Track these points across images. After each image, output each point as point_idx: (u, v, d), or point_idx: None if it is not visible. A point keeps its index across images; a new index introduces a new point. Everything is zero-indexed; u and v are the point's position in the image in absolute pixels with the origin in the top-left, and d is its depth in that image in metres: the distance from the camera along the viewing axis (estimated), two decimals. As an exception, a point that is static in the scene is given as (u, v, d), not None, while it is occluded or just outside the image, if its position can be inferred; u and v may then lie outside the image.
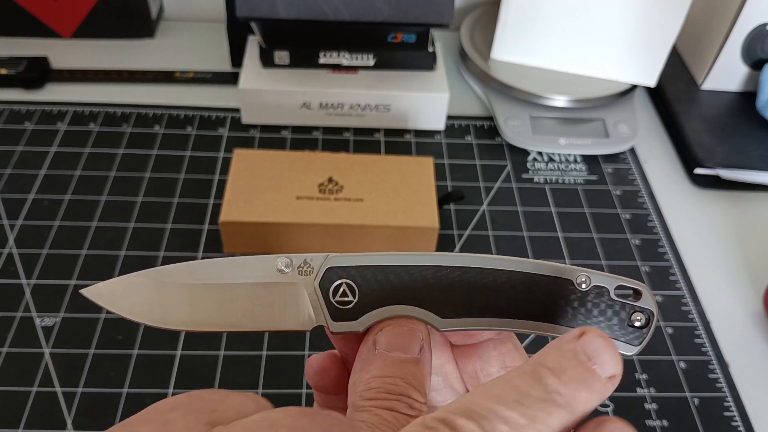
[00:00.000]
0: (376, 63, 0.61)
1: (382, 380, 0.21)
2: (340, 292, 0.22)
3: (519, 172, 0.59)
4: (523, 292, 0.21)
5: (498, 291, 0.21)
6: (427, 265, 0.22)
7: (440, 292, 0.21)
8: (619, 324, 0.21)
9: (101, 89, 0.63)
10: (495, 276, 0.21)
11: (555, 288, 0.21)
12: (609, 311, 0.21)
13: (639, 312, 0.21)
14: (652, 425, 0.42)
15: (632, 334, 0.21)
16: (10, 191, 0.53)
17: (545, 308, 0.21)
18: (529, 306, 0.21)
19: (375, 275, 0.22)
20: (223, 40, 0.68)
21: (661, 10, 0.58)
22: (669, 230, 0.55)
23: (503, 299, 0.21)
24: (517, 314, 0.22)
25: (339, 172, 0.51)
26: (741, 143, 0.60)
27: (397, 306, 0.22)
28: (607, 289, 0.22)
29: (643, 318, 0.21)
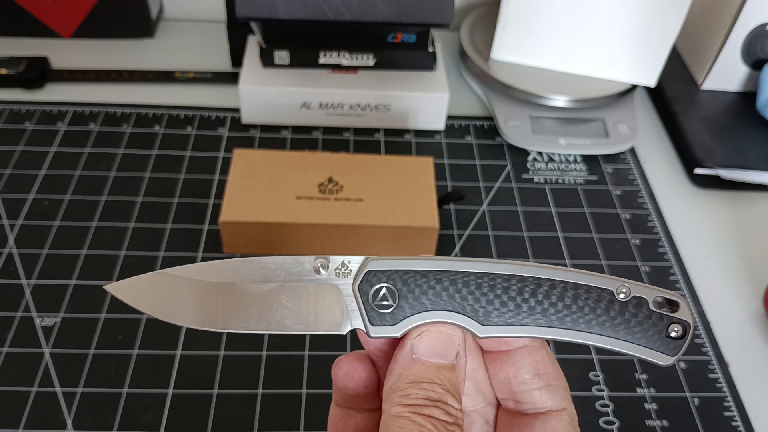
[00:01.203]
0: (376, 63, 0.61)
1: (419, 386, 0.21)
2: (380, 296, 0.22)
3: (519, 172, 0.59)
4: (564, 302, 0.22)
5: (539, 300, 0.22)
6: (469, 272, 0.22)
7: (482, 299, 0.22)
8: (657, 334, 0.22)
9: (101, 89, 0.63)
10: (537, 284, 0.22)
11: (595, 298, 0.22)
12: (647, 322, 0.22)
13: (676, 323, 0.22)
14: (652, 425, 0.42)
15: (669, 344, 0.22)
16: (10, 191, 0.53)
17: (585, 318, 0.22)
18: (570, 315, 0.22)
19: (416, 280, 0.22)
20: (223, 40, 0.68)
21: (661, 10, 0.58)
22: (669, 230, 0.55)
23: (542, 308, 0.22)
24: (557, 323, 0.22)
25: (339, 172, 0.51)
26: (741, 143, 0.60)
27: (437, 312, 0.22)
28: (646, 300, 0.22)
29: (680, 329, 0.22)
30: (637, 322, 0.22)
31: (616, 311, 0.22)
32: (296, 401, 0.42)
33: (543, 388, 0.24)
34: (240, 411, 0.41)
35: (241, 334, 0.45)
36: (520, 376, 0.24)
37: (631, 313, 0.22)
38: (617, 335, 0.22)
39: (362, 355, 0.26)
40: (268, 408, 0.41)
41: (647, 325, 0.22)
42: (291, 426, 0.41)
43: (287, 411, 0.41)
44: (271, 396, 0.42)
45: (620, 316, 0.22)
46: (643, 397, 0.44)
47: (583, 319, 0.22)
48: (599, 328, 0.22)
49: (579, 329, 0.22)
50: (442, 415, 0.21)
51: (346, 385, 0.25)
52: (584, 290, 0.22)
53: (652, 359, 0.22)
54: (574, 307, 0.22)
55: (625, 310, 0.22)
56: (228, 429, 0.40)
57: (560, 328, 0.22)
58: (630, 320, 0.22)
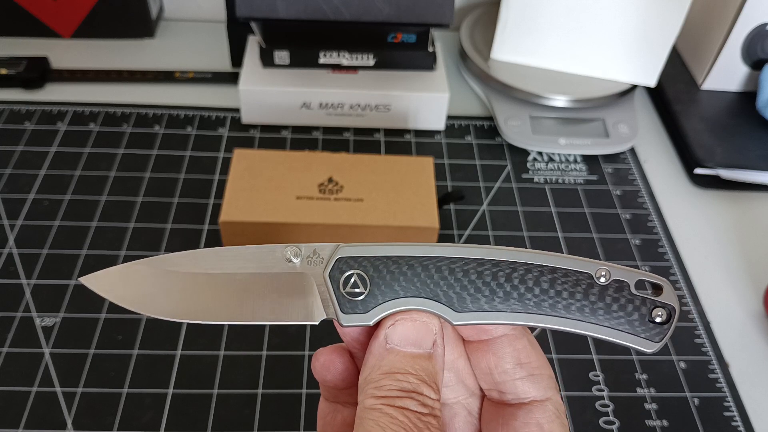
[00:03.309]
0: (376, 63, 0.61)
1: (393, 377, 0.21)
2: (351, 283, 0.21)
3: (519, 172, 0.59)
4: (540, 286, 0.21)
5: (514, 285, 0.21)
6: (442, 257, 0.21)
7: (455, 285, 0.21)
8: (640, 319, 0.21)
9: (101, 89, 0.63)
10: (512, 269, 0.21)
11: (573, 282, 0.21)
12: (629, 306, 0.21)
13: (660, 307, 0.21)
14: (652, 425, 0.42)
15: (653, 330, 0.21)
16: (10, 191, 0.53)
17: (564, 302, 0.21)
18: (547, 300, 0.21)
19: (387, 266, 0.21)
20: (223, 40, 0.68)
21: (661, 10, 0.58)
22: (669, 230, 0.55)
23: (519, 294, 0.21)
24: (534, 308, 0.21)
25: (339, 172, 0.51)
26: (741, 143, 0.60)
27: (410, 299, 0.21)
28: (627, 283, 0.21)
29: (665, 314, 0.21)
30: (619, 306, 0.21)
31: (596, 295, 0.21)
32: (296, 401, 0.42)
33: (525, 378, 0.24)
34: (240, 411, 0.41)
35: (241, 334, 0.45)
36: (501, 365, 0.24)
37: (612, 297, 0.21)
38: (598, 321, 0.21)
39: (340, 347, 0.25)
40: (268, 408, 0.41)
41: (629, 309, 0.21)
42: (291, 426, 0.41)
43: (287, 411, 0.41)
44: (271, 396, 0.42)
45: (600, 300, 0.21)
46: (643, 397, 0.44)
47: (561, 305, 0.21)
48: (579, 314, 0.21)
49: (557, 315, 0.21)
50: (416, 406, 0.21)
51: (323, 378, 0.25)
52: (562, 274, 0.21)
53: (636, 346, 0.21)
54: (552, 292, 0.21)
55: (606, 294, 0.21)
56: (228, 429, 0.40)
57: (538, 314, 0.21)
58: (611, 305, 0.21)
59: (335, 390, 0.26)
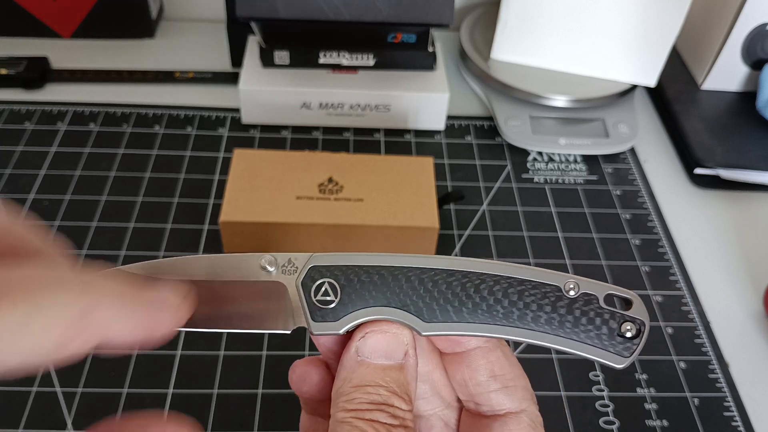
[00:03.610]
0: (376, 63, 0.61)
1: (363, 390, 0.21)
2: (322, 291, 0.21)
3: (519, 172, 0.59)
4: (509, 298, 0.21)
5: (482, 296, 0.21)
6: (412, 267, 0.21)
7: (424, 295, 0.21)
8: (609, 334, 0.20)
9: (101, 89, 0.63)
10: (481, 280, 0.21)
11: (541, 294, 0.21)
12: (598, 320, 0.20)
13: (629, 322, 0.20)
14: (652, 425, 0.42)
15: (621, 344, 0.20)
16: (10, 191, 0.53)
17: (532, 314, 0.21)
18: (515, 312, 0.21)
19: (358, 275, 0.21)
20: (223, 40, 0.68)
21: (661, 10, 0.58)
22: (669, 230, 0.55)
23: (487, 305, 0.21)
24: (502, 320, 0.21)
25: (339, 172, 0.51)
26: (741, 143, 0.60)
27: (380, 308, 0.21)
28: (596, 297, 0.21)
29: (634, 328, 0.20)
30: (588, 320, 0.20)
31: (564, 308, 0.20)
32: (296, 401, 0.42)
33: (500, 390, 0.23)
34: (240, 411, 0.41)
35: (241, 334, 0.45)
36: (475, 378, 0.24)
37: (581, 310, 0.20)
38: (566, 334, 0.20)
39: (316, 359, 0.25)
40: (268, 408, 0.41)
41: (598, 323, 0.20)
42: (291, 426, 0.41)
43: (287, 411, 0.41)
44: (271, 396, 0.42)
45: (569, 313, 0.20)
46: (643, 397, 0.44)
47: (529, 317, 0.20)
48: (547, 326, 0.20)
49: (525, 327, 0.21)
50: (385, 418, 0.20)
51: (300, 389, 0.25)
52: (530, 286, 0.21)
53: (604, 360, 0.20)
54: (520, 304, 0.20)
55: (574, 307, 0.20)
56: (228, 429, 0.40)
57: (506, 326, 0.21)
58: (580, 318, 0.20)
59: (313, 402, 0.26)
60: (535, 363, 0.45)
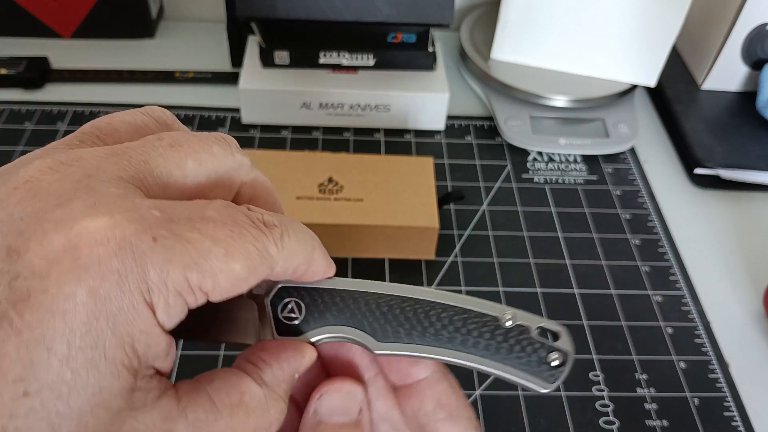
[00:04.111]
0: (376, 63, 0.61)
1: None
2: (288, 309, 0.23)
3: (519, 172, 0.59)
4: (453, 325, 0.23)
5: (430, 322, 0.23)
6: (371, 292, 0.23)
7: (379, 318, 0.23)
8: (537, 361, 0.23)
9: (101, 89, 0.63)
10: (430, 307, 0.23)
11: (483, 323, 0.23)
12: (529, 348, 0.23)
13: (556, 352, 0.23)
14: (652, 425, 0.42)
15: (548, 372, 0.23)
16: (10, 191, 0.53)
17: (472, 340, 0.23)
18: (458, 338, 0.23)
19: (322, 296, 0.23)
20: (223, 40, 0.68)
21: (661, 10, 0.58)
22: (669, 230, 0.55)
23: (434, 330, 0.23)
24: (446, 344, 0.23)
25: (339, 172, 0.51)
26: (741, 143, 0.60)
27: (339, 327, 0.23)
28: (528, 327, 0.23)
29: (560, 358, 0.23)
30: (520, 348, 0.23)
31: (501, 337, 0.23)
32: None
33: (446, 419, 0.24)
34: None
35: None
36: (423, 407, 0.24)
37: (515, 339, 0.23)
38: (501, 360, 0.23)
39: None
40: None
41: (528, 351, 0.23)
42: (291, 426, 0.41)
43: (287, 411, 0.41)
44: (271, 396, 0.42)
45: (504, 341, 0.23)
46: (643, 397, 0.44)
47: (470, 342, 0.23)
48: (485, 351, 0.23)
49: (466, 351, 0.23)
50: None
51: None
52: (473, 315, 0.23)
53: (532, 385, 0.23)
54: (463, 330, 0.23)
55: (509, 336, 0.23)
56: (228, 429, 0.40)
57: (450, 349, 0.23)
58: (514, 346, 0.23)
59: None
60: (535, 363, 0.45)
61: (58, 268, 0.16)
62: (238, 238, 0.18)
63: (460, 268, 0.50)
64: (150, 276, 0.16)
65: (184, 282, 0.17)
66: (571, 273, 0.51)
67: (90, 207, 0.16)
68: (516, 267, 0.51)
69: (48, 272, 0.15)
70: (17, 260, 0.15)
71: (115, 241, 0.16)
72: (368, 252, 0.50)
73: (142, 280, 0.16)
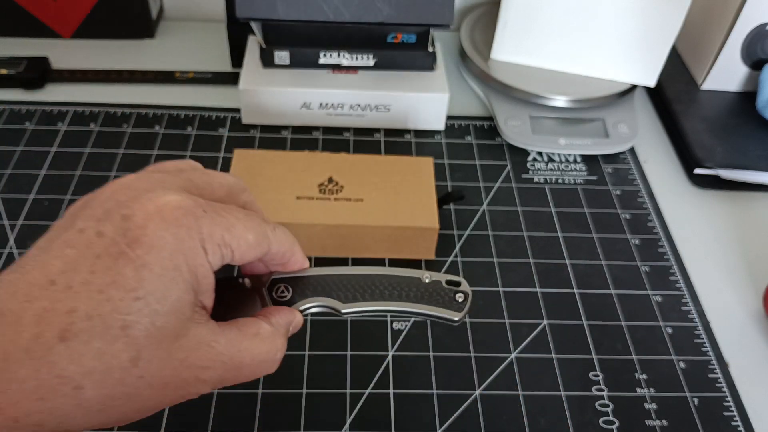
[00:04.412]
0: (376, 63, 0.61)
1: None
2: (280, 291, 0.33)
3: (519, 172, 0.59)
4: (392, 285, 0.34)
5: (376, 286, 0.34)
6: (335, 274, 0.34)
7: (343, 288, 0.34)
8: (448, 300, 0.34)
9: (101, 89, 0.64)
10: (375, 278, 0.34)
11: (410, 282, 0.34)
12: (441, 293, 0.34)
13: (460, 293, 0.34)
14: (652, 425, 0.42)
15: (456, 305, 0.34)
16: (10, 191, 0.53)
17: (405, 294, 0.34)
18: (395, 293, 0.34)
19: (302, 280, 0.33)
20: (224, 41, 0.68)
21: (661, 11, 0.58)
22: (669, 230, 0.55)
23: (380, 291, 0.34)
24: (388, 298, 0.34)
25: (339, 172, 0.51)
26: (741, 143, 0.60)
27: (315, 297, 0.33)
28: (440, 281, 0.34)
29: (462, 296, 0.34)
30: (436, 293, 0.34)
31: (423, 289, 0.34)
32: (296, 401, 0.42)
33: None
34: (240, 411, 0.41)
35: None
36: None
37: (433, 288, 0.34)
38: (425, 302, 0.34)
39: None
40: (268, 408, 0.41)
41: (442, 294, 0.34)
42: (291, 426, 0.41)
43: (287, 411, 0.41)
44: (271, 396, 0.42)
45: (426, 292, 0.34)
46: (642, 396, 0.44)
47: (404, 295, 0.34)
48: (414, 300, 0.34)
49: (402, 301, 0.34)
50: None
51: None
52: (404, 278, 0.34)
53: (447, 315, 0.33)
54: (398, 288, 0.34)
55: (428, 288, 0.34)
56: (228, 429, 0.40)
57: (391, 301, 0.34)
58: (432, 293, 0.34)
59: None
60: (536, 363, 0.45)
61: (152, 222, 0.25)
62: (250, 221, 0.29)
63: (460, 268, 0.50)
64: (203, 231, 0.26)
65: (221, 238, 0.27)
66: (571, 273, 0.51)
67: (167, 192, 0.27)
68: (516, 267, 0.51)
69: (146, 225, 0.25)
70: (128, 219, 0.26)
71: (182, 208, 0.26)
72: (368, 252, 0.50)
73: (198, 233, 0.26)
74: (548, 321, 0.47)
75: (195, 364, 0.27)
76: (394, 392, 0.43)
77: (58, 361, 0.24)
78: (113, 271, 0.25)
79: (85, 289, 0.24)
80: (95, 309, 0.24)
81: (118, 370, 0.25)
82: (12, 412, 0.24)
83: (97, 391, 0.25)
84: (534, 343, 0.46)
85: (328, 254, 0.50)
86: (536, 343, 0.46)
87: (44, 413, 0.24)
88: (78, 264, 0.25)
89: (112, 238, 0.25)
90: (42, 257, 0.25)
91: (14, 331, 0.24)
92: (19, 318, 0.24)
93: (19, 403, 0.24)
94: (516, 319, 0.47)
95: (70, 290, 0.24)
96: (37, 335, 0.24)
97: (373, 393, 0.42)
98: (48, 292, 0.24)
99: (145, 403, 0.26)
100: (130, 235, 0.25)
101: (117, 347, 0.24)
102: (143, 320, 0.25)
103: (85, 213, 0.26)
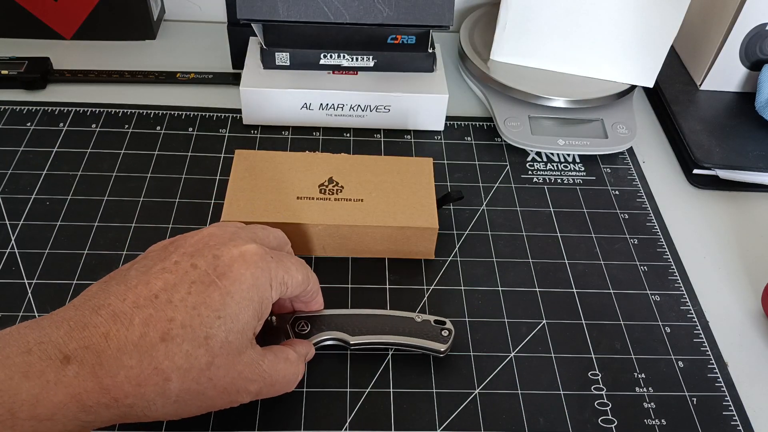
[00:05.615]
0: (376, 64, 0.61)
1: None
2: (300, 326, 0.42)
3: (518, 173, 0.59)
4: (393, 323, 0.43)
5: (378, 323, 0.43)
6: (344, 314, 0.43)
7: (351, 324, 0.43)
8: (435, 334, 0.43)
9: (103, 90, 0.64)
10: (377, 317, 0.44)
11: (406, 321, 0.44)
12: (430, 329, 0.43)
13: (445, 330, 0.43)
14: (651, 424, 0.42)
15: (441, 340, 0.43)
16: (11, 191, 0.54)
17: (401, 329, 0.43)
18: (396, 328, 0.43)
19: (318, 318, 0.43)
20: (224, 42, 0.69)
21: (660, 11, 0.58)
22: (667, 230, 0.55)
23: (380, 326, 0.43)
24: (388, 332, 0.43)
25: (339, 172, 0.51)
26: (739, 144, 0.60)
27: (329, 332, 0.42)
28: (429, 320, 0.44)
29: (447, 332, 0.43)
30: (426, 329, 0.43)
31: (415, 326, 0.43)
32: (297, 401, 0.42)
33: None
34: (240, 411, 0.41)
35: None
36: None
37: (423, 326, 0.43)
38: (417, 336, 0.43)
39: None
40: (268, 408, 0.42)
41: (430, 330, 0.43)
42: (291, 426, 0.41)
43: (287, 411, 0.42)
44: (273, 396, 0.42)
45: (418, 328, 0.43)
46: (641, 396, 0.44)
47: (400, 330, 0.43)
48: (408, 334, 0.43)
49: (399, 334, 0.43)
50: None
51: None
52: (400, 317, 0.44)
53: (435, 346, 0.43)
54: (396, 325, 0.43)
55: (420, 325, 0.44)
56: (228, 429, 0.41)
57: (390, 334, 0.43)
58: (422, 329, 0.43)
59: None
60: (535, 362, 0.45)
61: (237, 262, 0.35)
62: (300, 265, 0.39)
63: (460, 267, 0.51)
64: (271, 272, 0.36)
65: (282, 278, 0.37)
66: (570, 272, 0.51)
67: (246, 241, 0.36)
68: (515, 267, 0.51)
69: (232, 264, 0.35)
70: (218, 258, 0.35)
71: (258, 254, 0.36)
72: (368, 252, 0.50)
73: (268, 273, 0.36)
74: (547, 320, 0.48)
75: (247, 377, 0.34)
76: (394, 391, 0.43)
77: (156, 356, 0.31)
78: (205, 295, 0.33)
79: (182, 305, 0.32)
80: (188, 320, 0.32)
81: (197, 370, 0.32)
82: (115, 393, 0.30)
83: (179, 384, 0.31)
84: (533, 343, 0.46)
85: (328, 254, 0.50)
86: (535, 342, 0.46)
87: (137, 397, 0.30)
88: (177, 285, 0.33)
89: (205, 270, 0.34)
90: (143, 277, 0.33)
91: (127, 329, 0.31)
92: (131, 320, 0.31)
93: (122, 386, 0.30)
94: (515, 319, 0.48)
95: (170, 304, 0.32)
96: (144, 334, 0.31)
97: (373, 392, 0.43)
98: (153, 303, 0.32)
99: (206, 402, 0.33)
100: (219, 270, 0.34)
101: (200, 352, 0.32)
102: (221, 334, 0.33)
103: (178, 251, 0.35)
